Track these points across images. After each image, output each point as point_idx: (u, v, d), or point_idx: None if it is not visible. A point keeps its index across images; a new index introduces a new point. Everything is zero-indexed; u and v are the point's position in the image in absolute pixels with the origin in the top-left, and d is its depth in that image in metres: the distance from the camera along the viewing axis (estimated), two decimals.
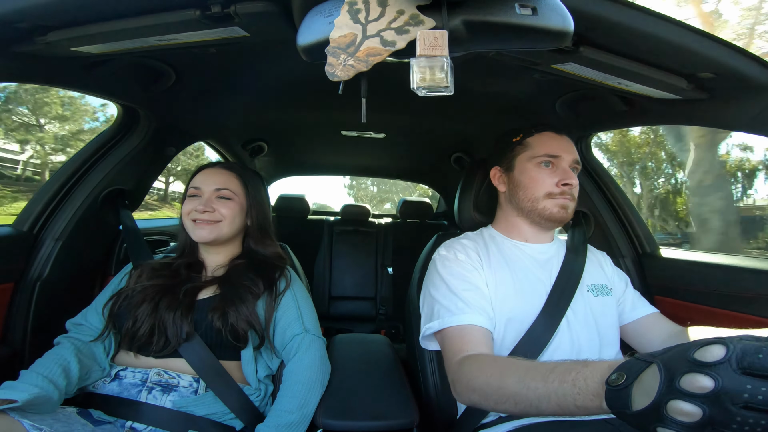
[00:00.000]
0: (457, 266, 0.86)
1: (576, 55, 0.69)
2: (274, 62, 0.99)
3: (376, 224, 2.68)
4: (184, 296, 0.85)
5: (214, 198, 0.93)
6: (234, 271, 0.93)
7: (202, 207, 0.91)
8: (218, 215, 0.92)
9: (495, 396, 0.59)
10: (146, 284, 0.86)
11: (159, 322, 0.81)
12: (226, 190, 0.94)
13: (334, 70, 0.55)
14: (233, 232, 0.96)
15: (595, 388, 0.46)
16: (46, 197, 1.08)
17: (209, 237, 0.91)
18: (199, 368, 0.81)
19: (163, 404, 0.78)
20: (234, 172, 0.99)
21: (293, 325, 0.91)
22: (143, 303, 0.83)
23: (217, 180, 0.95)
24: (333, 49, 0.54)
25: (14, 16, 0.62)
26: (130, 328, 0.81)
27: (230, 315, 0.83)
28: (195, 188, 0.94)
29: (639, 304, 0.93)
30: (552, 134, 0.91)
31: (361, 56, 0.54)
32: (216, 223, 0.92)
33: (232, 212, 0.94)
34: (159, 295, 0.84)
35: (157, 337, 0.81)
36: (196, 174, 0.97)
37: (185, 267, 0.93)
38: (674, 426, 0.35)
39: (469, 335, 0.75)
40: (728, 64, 0.67)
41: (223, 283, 0.90)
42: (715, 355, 0.35)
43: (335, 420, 0.83)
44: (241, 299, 0.85)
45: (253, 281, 0.90)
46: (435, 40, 0.52)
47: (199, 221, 0.91)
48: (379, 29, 0.54)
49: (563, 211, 0.86)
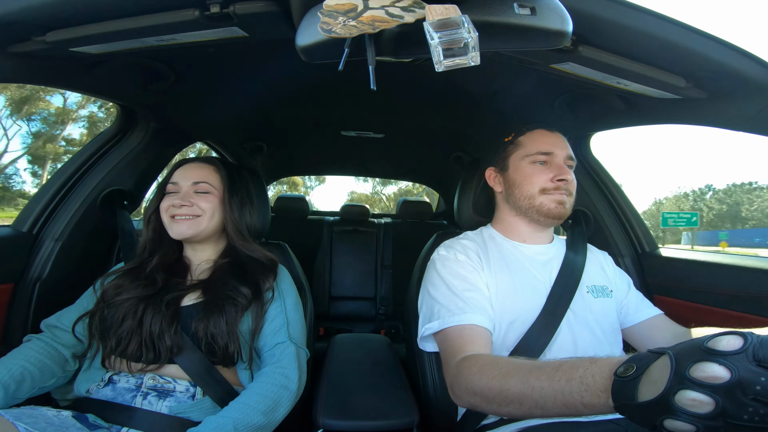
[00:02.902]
0: (457, 266, 0.85)
1: (575, 55, 0.69)
2: (273, 62, 0.99)
3: (376, 224, 2.68)
4: (167, 307, 0.81)
5: (192, 192, 0.90)
6: (218, 274, 0.89)
7: (179, 201, 0.87)
8: (197, 209, 0.88)
9: (498, 398, 0.57)
10: (123, 298, 0.81)
11: (146, 338, 0.78)
12: (204, 183, 0.91)
13: (332, 27, 0.50)
14: (214, 227, 0.91)
15: (603, 383, 0.44)
16: (45, 198, 1.08)
17: (188, 232, 0.88)
18: (194, 374, 0.79)
19: (159, 410, 0.76)
20: (212, 166, 0.95)
21: (279, 333, 0.87)
22: (125, 320, 0.79)
23: (194, 174, 0.92)
24: (328, 11, 0.50)
25: (12, 16, 0.62)
26: (114, 348, 0.78)
27: (210, 328, 0.79)
28: (173, 183, 0.91)
29: (643, 306, 0.93)
30: (543, 131, 0.90)
31: (365, 20, 0.50)
32: (195, 218, 0.88)
33: (211, 206, 0.90)
34: (141, 308, 0.80)
35: (145, 352, 0.78)
36: (175, 170, 0.94)
37: (163, 270, 0.88)
38: (685, 417, 0.34)
39: (470, 335, 0.74)
40: (727, 64, 0.67)
41: (206, 289, 0.86)
42: (731, 345, 0.34)
43: (335, 420, 0.83)
44: (222, 311, 0.81)
45: (238, 291, 0.85)
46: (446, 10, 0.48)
47: (178, 216, 0.87)
48: (383, 4, 0.50)
49: (560, 206, 0.86)
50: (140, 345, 0.78)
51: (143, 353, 0.78)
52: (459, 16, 0.48)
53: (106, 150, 1.16)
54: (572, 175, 0.88)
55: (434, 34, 0.49)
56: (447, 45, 0.49)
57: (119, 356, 0.79)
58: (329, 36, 0.51)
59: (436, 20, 0.48)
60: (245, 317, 0.85)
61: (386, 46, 0.57)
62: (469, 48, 0.50)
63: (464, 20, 0.48)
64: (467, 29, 0.48)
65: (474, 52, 0.50)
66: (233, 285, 0.86)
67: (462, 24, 0.48)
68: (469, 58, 0.51)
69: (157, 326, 0.78)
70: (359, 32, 0.50)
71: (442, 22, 0.48)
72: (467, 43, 0.49)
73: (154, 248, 0.92)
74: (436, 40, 0.49)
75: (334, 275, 2.49)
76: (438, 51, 0.50)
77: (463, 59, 0.51)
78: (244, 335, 0.84)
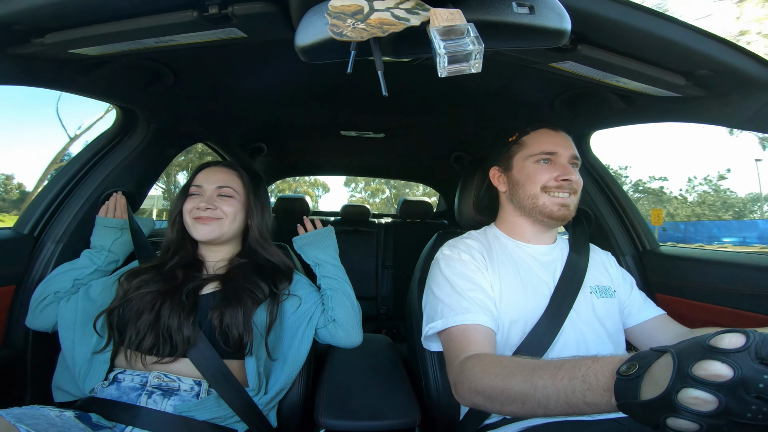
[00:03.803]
0: (461, 266, 0.85)
1: (574, 54, 0.69)
2: (272, 63, 0.99)
3: (376, 224, 2.69)
4: (186, 297, 0.83)
5: (215, 196, 0.94)
6: (236, 269, 0.92)
7: (204, 204, 0.91)
8: (220, 213, 0.92)
9: (500, 398, 0.57)
10: (143, 292, 0.83)
11: (163, 330, 0.79)
12: (227, 188, 0.95)
13: (342, 30, 0.50)
14: (234, 230, 0.96)
15: (606, 382, 0.44)
16: (46, 200, 1.08)
17: (211, 234, 0.91)
18: (205, 370, 0.80)
19: (164, 408, 0.77)
20: (236, 171, 0.99)
21: (313, 295, 0.99)
22: (143, 313, 0.80)
23: (218, 178, 0.95)
24: (336, 13, 0.49)
25: (11, 18, 0.62)
26: (133, 340, 0.79)
27: (226, 316, 0.81)
28: (197, 186, 0.94)
29: (645, 306, 0.93)
30: (548, 131, 0.90)
31: (373, 23, 0.50)
32: (218, 221, 0.92)
33: (234, 210, 0.94)
34: (159, 302, 0.82)
35: (162, 345, 0.79)
36: (198, 172, 0.97)
37: (181, 267, 0.90)
38: (688, 416, 0.34)
39: (474, 335, 0.74)
40: (726, 62, 0.67)
41: (225, 280, 0.89)
42: (733, 343, 0.34)
43: (336, 420, 0.83)
44: (240, 301, 0.84)
45: (257, 285, 0.89)
46: (451, 15, 0.49)
47: (201, 219, 0.91)
48: (388, 6, 0.50)
49: (564, 209, 0.86)
50: (157, 338, 0.79)
51: (160, 346, 0.79)
52: (464, 24, 0.48)
53: (107, 152, 1.16)
54: (577, 174, 0.88)
55: (441, 42, 0.49)
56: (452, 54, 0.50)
57: (135, 350, 0.80)
58: (340, 39, 0.51)
59: (441, 26, 0.49)
60: (260, 310, 0.87)
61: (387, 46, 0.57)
62: (472, 56, 0.50)
63: (470, 29, 0.49)
64: (472, 39, 0.49)
65: (476, 60, 0.51)
66: (252, 279, 0.90)
67: (467, 33, 0.49)
68: (470, 65, 0.51)
69: (175, 319, 0.80)
70: (369, 36, 0.50)
71: (448, 29, 0.49)
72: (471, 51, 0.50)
73: (177, 248, 0.96)
74: (443, 50, 0.49)
75: None
76: (444, 59, 0.50)
77: (465, 65, 0.51)
78: (258, 327, 0.86)
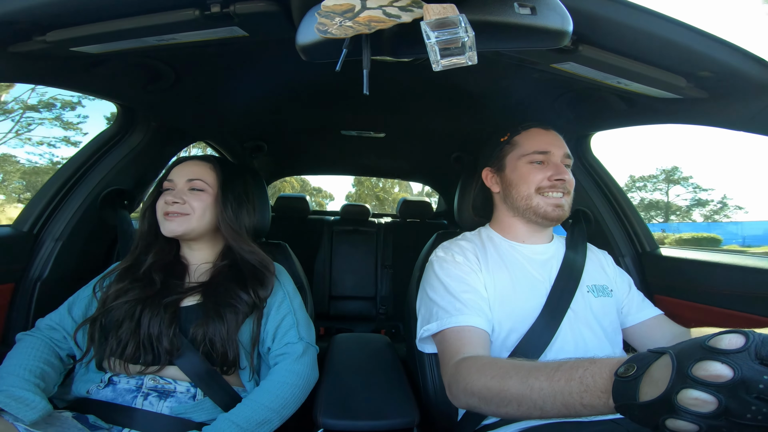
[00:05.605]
0: (454, 268, 0.85)
1: (575, 55, 0.69)
2: (273, 62, 0.99)
3: (376, 224, 2.69)
4: (165, 309, 0.80)
5: (186, 190, 0.89)
6: (218, 278, 0.88)
7: (171, 198, 0.87)
8: (187, 208, 0.87)
9: (496, 399, 0.56)
10: (121, 301, 0.81)
11: (144, 339, 0.77)
12: (198, 180, 0.90)
13: (327, 29, 0.50)
14: (205, 226, 0.90)
15: (603, 384, 0.43)
16: (46, 197, 1.08)
17: (179, 230, 0.86)
18: (194, 376, 0.79)
19: (160, 410, 0.76)
20: (209, 164, 0.94)
21: (289, 333, 0.88)
22: (123, 322, 0.79)
23: (190, 171, 0.91)
24: (325, 12, 0.49)
25: (13, 16, 0.62)
26: (115, 348, 0.78)
27: (209, 333, 0.79)
28: (169, 181, 0.91)
29: (643, 306, 0.93)
30: (539, 130, 0.90)
31: (361, 20, 0.49)
32: (185, 216, 0.87)
33: (203, 205, 0.88)
34: (139, 310, 0.79)
35: (143, 354, 0.78)
36: (172, 167, 0.93)
37: (160, 270, 0.87)
38: (688, 417, 0.33)
39: (468, 337, 0.74)
40: (727, 63, 0.67)
41: (206, 292, 0.85)
42: (733, 344, 0.34)
43: (335, 420, 0.83)
44: (221, 318, 0.81)
45: (239, 298, 0.84)
46: (443, 9, 0.48)
47: (169, 214, 0.87)
48: (381, 4, 0.49)
49: (558, 209, 0.86)
50: (138, 347, 0.77)
51: (141, 355, 0.78)
52: (456, 15, 0.48)
53: (107, 150, 1.16)
54: (570, 174, 0.87)
55: (431, 33, 0.48)
56: (444, 44, 0.49)
57: (118, 358, 0.78)
58: (325, 37, 0.51)
59: (433, 20, 0.48)
60: (245, 326, 0.84)
61: (385, 45, 0.57)
62: (466, 47, 0.50)
63: (461, 19, 0.48)
64: (464, 28, 0.48)
65: (471, 52, 0.50)
66: (234, 291, 0.85)
67: (459, 23, 0.48)
68: (466, 58, 0.51)
69: (156, 328, 0.78)
70: (355, 32, 0.50)
71: (440, 22, 0.48)
72: (464, 42, 0.49)
73: (148, 244, 0.91)
74: (433, 39, 0.49)
75: (335, 275, 2.49)
76: (435, 50, 0.50)
77: (460, 59, 0.51)
78: (244, 345, 0.83)
